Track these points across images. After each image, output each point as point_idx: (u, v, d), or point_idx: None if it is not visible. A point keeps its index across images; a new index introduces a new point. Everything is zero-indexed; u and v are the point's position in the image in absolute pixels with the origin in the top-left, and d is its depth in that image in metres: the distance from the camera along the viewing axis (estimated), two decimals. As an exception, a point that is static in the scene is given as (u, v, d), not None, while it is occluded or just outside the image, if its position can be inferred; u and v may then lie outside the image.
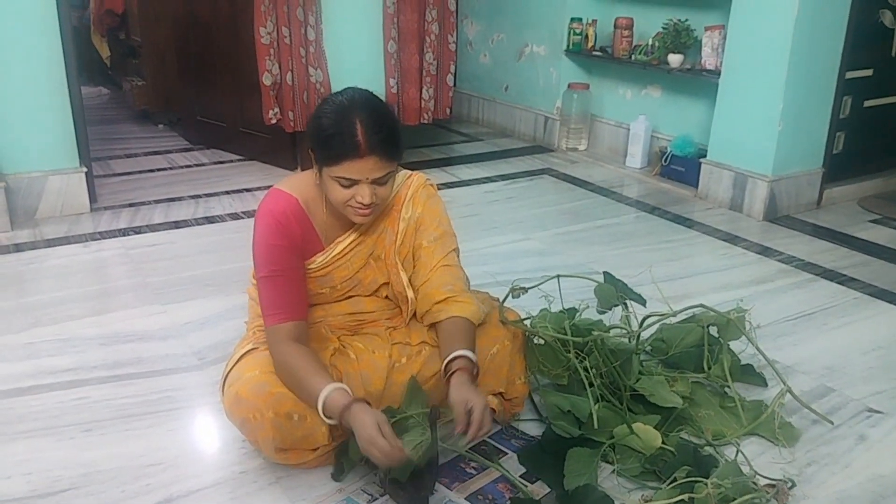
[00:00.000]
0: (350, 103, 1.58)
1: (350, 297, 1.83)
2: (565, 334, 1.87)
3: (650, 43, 4.05)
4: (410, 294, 1.78)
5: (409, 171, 1.83)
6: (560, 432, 1.73)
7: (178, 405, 2.00)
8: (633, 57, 4.15)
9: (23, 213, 3.23)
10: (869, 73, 3.64)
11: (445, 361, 1.64)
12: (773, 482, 1.60)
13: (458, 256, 1.84)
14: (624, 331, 2.00)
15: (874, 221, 3.53)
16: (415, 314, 1.81)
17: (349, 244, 1.75)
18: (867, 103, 3.72)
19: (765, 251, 3.15)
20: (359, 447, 1.48)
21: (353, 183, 1.58)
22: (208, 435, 1.91)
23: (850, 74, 3.53)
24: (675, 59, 3.88)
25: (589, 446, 1.72)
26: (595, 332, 1.90)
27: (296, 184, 1.72)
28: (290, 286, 1.66)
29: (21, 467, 1.74)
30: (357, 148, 1.53)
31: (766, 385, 2.11)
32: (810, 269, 2.96)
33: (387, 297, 1.85)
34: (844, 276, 2.90)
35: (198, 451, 1.84)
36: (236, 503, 1.64)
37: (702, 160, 3.75)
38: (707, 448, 1.80)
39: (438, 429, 1.59)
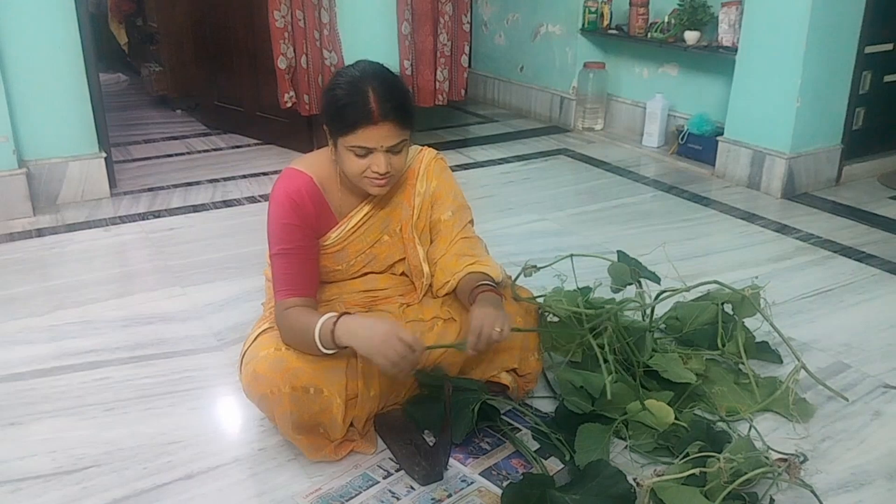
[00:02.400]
0: (362, 74, 1.61)
1: (365, 274, 1.85)
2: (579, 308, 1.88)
3: (666, 20, 4.01)
4: (426, 268, 1.80)
5: (419, 146, 1.85)
6: (573, 408, 1.74)
7: (198, 385, 2.04)
8: (649, 35, 4.11)
9: (44, 198, 3.28)
10: (889, 47, 3.58)
11: (471, 288, 1.70)
12: (786, 457, 1.61)
13: (473, 226, 1.87)
14: (637, 305, 2.01)
15: (894, 198, 3.49)
16: (429, 290, 1.83)
17: (363, 217, 1.77)
18: (887, 78, 3.66)
19: (783, 229, 3.13)
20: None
21: (368, 152, 1.60)
22: (228, 413, 1.95)
23: (869, 49, 3.48)
24: (691, 37, 3.84)
25: (602, 422, 1.73)
26: (609, 307, 1.90)
27: (310, 162, 1.74)
28: (302, 264, 1.68)
29: (45, 445, 1.79)
30: (371, 115, 1.55)
31: (781, 362, 2.10)
32: (828, 247, 2.94)
33: (402, 273, 1.87)
34: (863, 252, 2.88)
35: (217, 430, 1.88)
36: (255, 479, 1.68)
37: (719, 138, 3.72)
38: (720, 424, 1.81)
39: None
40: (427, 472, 1.63)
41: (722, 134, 3.72)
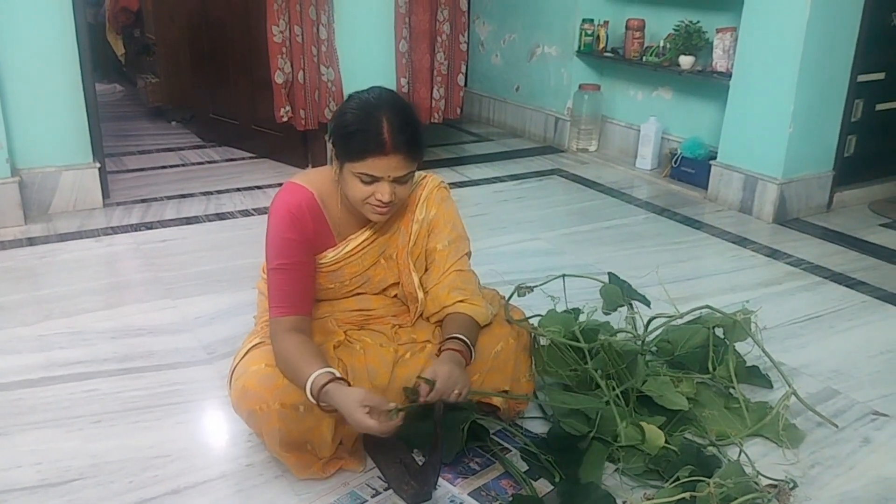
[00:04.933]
0: (377, 101, 1.60)
1: (358, 294, 1.84)
2: (573, 336, 1.88)
3: (661, 44, 4.05)
4: (421, 295, 1.79)
5: (424, 173, 1.84)
6: (570, 430, 1.73)
7: (187, 398, 2.02)
8: (644, 58, 4.15)
9: (36, 207, 3.26)
10: (881, 76, 3.62)
11: (439, 343, 1.69)
12: (775, 482, 1.61)
13: (469, 260, 1.86)
14: (630, 334, 2.01)
15: (884, 225, 3.51)
16: (422, 314, 1.83)
17: (362, 242, 1.77)
18: (879, 107, 3.70)
19: (774, 254, 3.14)
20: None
21: (374, 180, 1.59)
22: (216, 428, 1.94)
23: (862, 77, 3.52)
24: (686, 61, 3.87)
25: (595, 445, 1.72)
26: (602, 336, 1.90)
27: (311, 178, 1.74)
28: (298, 281, 1.68)
29: (31, 457, 1.77)
30: (382, 146, 1.55)
31: (771, 387, 2.11)
32: (819, 272, 2.95)
33: (395, 296, 1.87)
34: (853, 279, 2.89)
35: (205, 444, 1.87)
36: (242, 496, 1.66)
37: (712, 162, 3.74)
38: (710, 448, 1.80)
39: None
40: (416, 492, 1.62)
41: (715, 158, 3.75)
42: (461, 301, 1.76)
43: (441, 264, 1.79)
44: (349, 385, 1.55)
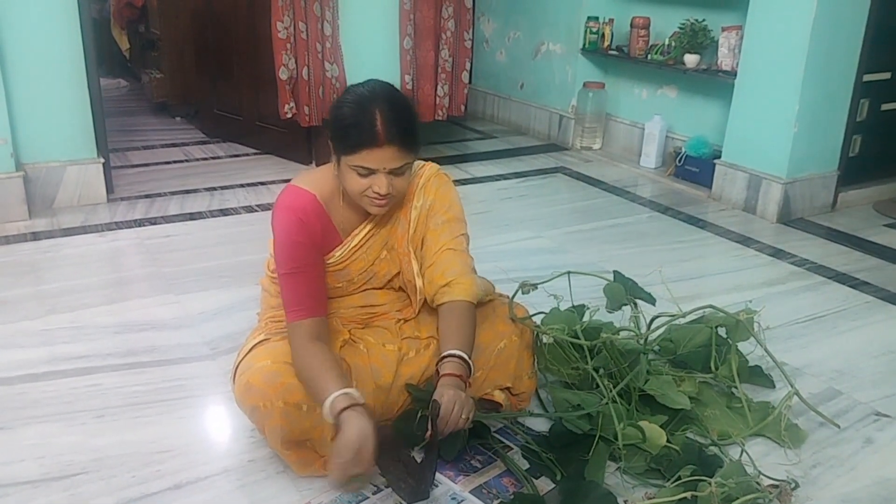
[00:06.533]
0: (371, 94, 1.60)
1: (363, 290, 1.84)
2: (575, 335, 1.88)
3: (667, 43, 4.04)
4: (419, 283, 1.79)
5: (422, 162, 1.84)
6: (571, 427, 1.73)
7: (190, 394, 2.03)
8: (649, 56, 4.14)
9: (41, 202, 3.27)
10: (887, 76, 3.61)
11: (438, 360, 1.68)
12: (777, 483, 1.60)
13: (466, 242, 1.84)
14: (633, 333, 2.01)
15: (889, 226, 3.50)
16: (425, 302, 1.82)
17: (364, 235, 1.77)
18: (885, 107, 3.69)
19: (777, 253, 3.13)
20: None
21: (370, 172, 1.59)
22: (218, 424, 1.94)
23: (867, 77, 3.50)
24: (691, 60, 3.86)
25: (598, 444, 1.72)
26: (604, 335, 1.90)
27: (312, 179, 1.73)
28: (311, 283, 1.67)
29: (34, 451, 1.77)
30: (376, 137, 1.55)
31: (773, 386, 2.10)
32: (823, 272, 2.94)
33: (399, 288, 1.87)
34: (857, 279, 2.89)
35: (207, 440, 1.87)
36: (244, 491, 1.67)
37: (716, 161, 3.74)
38: (712, 448, 1.80)
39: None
40: (413, 490, 1.61)
41: (719, 157, 3.74)
42: (452, 281, 1.73)
43: (433, 244, 1.78)
44: (363, 407, 1.54)
